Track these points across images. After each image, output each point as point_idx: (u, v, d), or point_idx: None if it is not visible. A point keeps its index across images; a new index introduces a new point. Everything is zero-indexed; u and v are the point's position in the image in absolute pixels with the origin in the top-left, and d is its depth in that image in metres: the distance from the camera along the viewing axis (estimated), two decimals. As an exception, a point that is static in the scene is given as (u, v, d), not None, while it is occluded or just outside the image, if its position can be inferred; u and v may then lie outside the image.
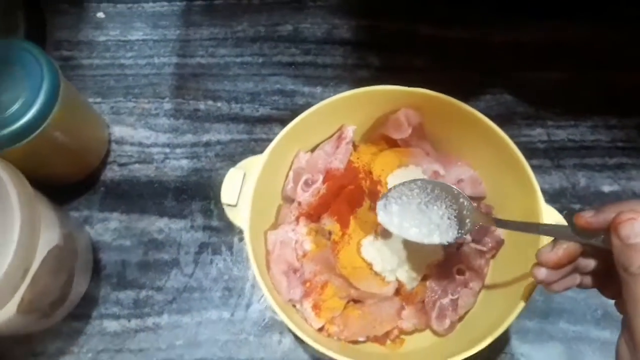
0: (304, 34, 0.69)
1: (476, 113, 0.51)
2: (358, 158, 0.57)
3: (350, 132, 0.56)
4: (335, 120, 0.56)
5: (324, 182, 0.55)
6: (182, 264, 0.59)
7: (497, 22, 0.67)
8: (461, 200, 0.46)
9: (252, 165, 0.50)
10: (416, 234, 0.47)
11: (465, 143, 0.55)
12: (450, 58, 0.66)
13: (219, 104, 0.65)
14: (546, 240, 0.47)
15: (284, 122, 0.52)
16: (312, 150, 0.57)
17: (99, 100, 0.66)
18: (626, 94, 0.63)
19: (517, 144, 0.50)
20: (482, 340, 0.45)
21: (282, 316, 0.46)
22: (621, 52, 0.65)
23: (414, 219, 0.48)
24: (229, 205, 0.49)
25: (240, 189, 0.49)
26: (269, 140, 0.51)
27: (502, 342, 0.56)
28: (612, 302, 0.54)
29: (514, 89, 0.64)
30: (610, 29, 0.66)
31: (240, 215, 0.49)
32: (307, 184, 0.55)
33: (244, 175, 0.50)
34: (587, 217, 0.37)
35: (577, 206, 0.59)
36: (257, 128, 0.64)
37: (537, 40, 0.66)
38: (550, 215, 0.48)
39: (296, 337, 0.56)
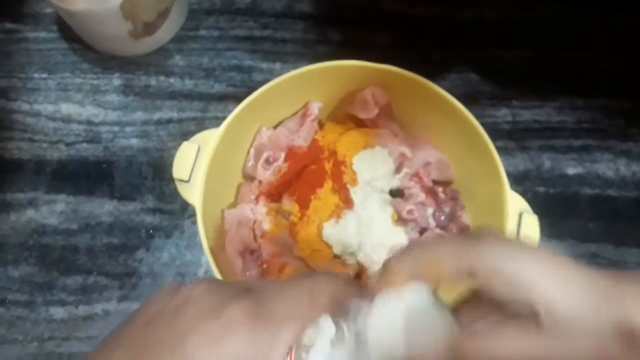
0: (262, 6, 0.65)
1: (445, 94, 0.49)
2: (323, 137, 0.55)
3: (315, 108, 0.53)
4: (300, 96, 0.54)
5: (285, 160, 0.53)
6: (132, 249, 0.56)
7: (463, 0, 0.65)
8: None
9: (208, 140, 0.47)
10: None
11: (434, 125, 0.53)
12: (414, 35, 0.64)
13: (171, 80, 0.62)
14: (511, 225, 0.46)
15: (240, 99, 0.50)
16: (276, 127, 0.55)
17: (45, 75, 0.63)
18: (593, 74, 0.62)
19: (482, 124, 0.49)
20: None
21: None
22: (588, 32, 0.64)
23: None
24: (181, 180, 0.47)
25: (194, 164, 0.47)
26: (225, 119, 0.49)
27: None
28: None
29: (479, 67, 0.62)
30: (577, 8, 0.64)
31: (193, 192, 0.46)
32: (268, 161, 0.53)
33: (198, 149, 0.47)
34: None
35: (541, 189, 0.58)
36: (211, 105, 0.61)
37: (503, 18, 0.64)
38: (515, 201, 0.47)
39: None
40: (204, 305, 0.25)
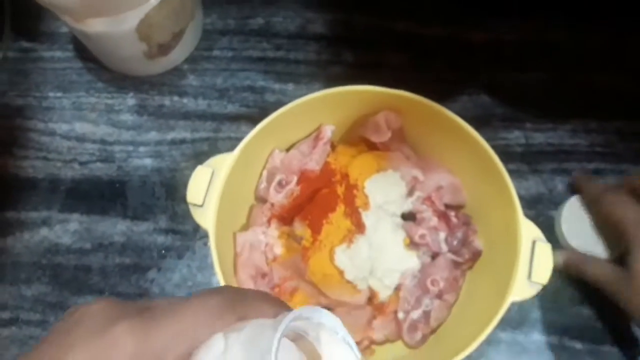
0: (275, 28, 0.66)
1: (457, 118, 0.49)
2: (335, 159, 0.55)
3: (328, 132, 0.54)
4: (312, 119, 0.54)
5: (298, 183, 0.53)
6: (144, 269, 0.56)
7: (475, 21, 0.65)
8: None
9: (222, 163, 0.47)
10: None
11: (446, 148, 0.53)
12: (427, 56, 0.64)
13: (184, 100, 0.63)
14: (524, 254, 0.46)
15: (253, 120, 0.50)
16: (289, 149, 0.55)
17: (59, 94, 0.63)
18: (606, 97, 0.61)
19: (494, 147, 0.49)
20: (454, 355, 0.44)
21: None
22: (602, 55, 0.63)
23: None
24: (195, 205, 0.47)
25: (208, 188, 0.47)
26: (238, 139, 0.49)
27: (475, 353, 0.54)
28: (586, 313, 0.54)
29: (491, 89, 0.62)
30: (590, 32, 0.64)
31: (206, 216, 0.46)
32: (281, 184, 0.53)
33: (212, 173, 0.47)
34: None
35: (553, 212, 0.58)
36: (225, 126, 0.61)
37: (516, 40, 0.64)
38: (528, 229, 0.47)
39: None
40: (93, 323, 0.24)
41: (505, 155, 0.58)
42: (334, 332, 0.23)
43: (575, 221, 0.55)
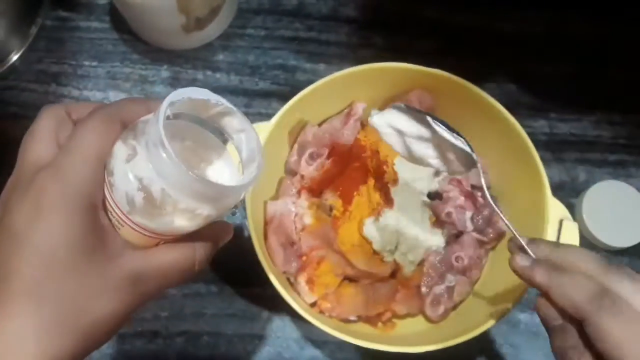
0: (308, 9, 0.67)
1: (490, 99, 0.51)
2: (365, 136, 0.56)
3: (360, 109, 0.55)
4: (345, 95, 0.55)
5: (328, 157, 0.54)
6: (172, 236, 0.58)
7: (505, 11, 0.66)
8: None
9: (258, 132, 0.49)
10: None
11: (476, 129, 0.54)
12: (455, 43, 0.65)
13: (217, 75, 0.64)
14: (551, 232, 0.47)
15: (283, 97, 0.51)
16: (320, 124, 0.56)
17: (95, 64, 0.64)
18: (631, 90, 0.63)
19: (520, 134, 0.50)
20: (472, 330, 0.45)
21: (277, 287, 0.45)
22: (628, 49, 0.65)
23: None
24: None
25: None
26: (268, 115, 0.51)
27: (492, 331, 0.55)
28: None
29: (519, 79, 0.63)
30: (616, 25, 0.65)
31: None
32: (312, 157, 0.54)
33: None
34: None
35: (574, 200, 0.59)
36: (255, 102, 0.63)
37: (544, 32, 0.66)
38: (556, 208, 0.48)
39: (285, 313, 0.55)
40: (20, 184, 0.29)
41: (530, 142, 0.60)
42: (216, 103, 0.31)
43: (596, 209, 0.56)
